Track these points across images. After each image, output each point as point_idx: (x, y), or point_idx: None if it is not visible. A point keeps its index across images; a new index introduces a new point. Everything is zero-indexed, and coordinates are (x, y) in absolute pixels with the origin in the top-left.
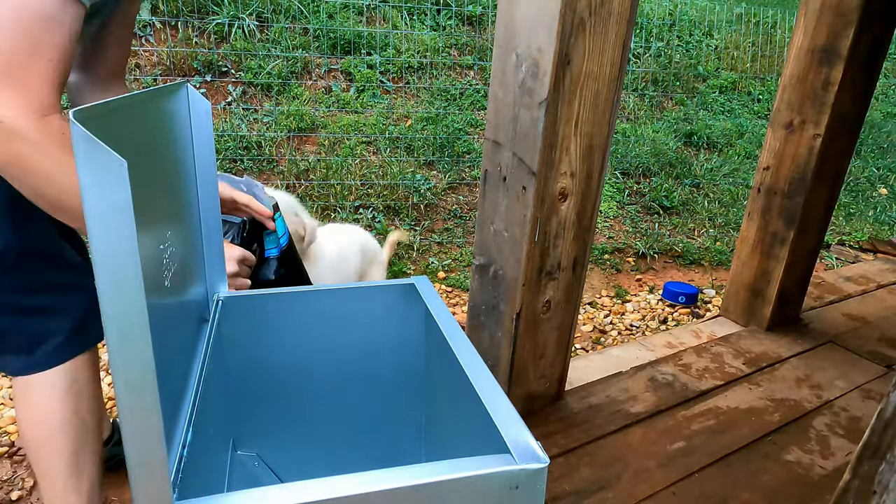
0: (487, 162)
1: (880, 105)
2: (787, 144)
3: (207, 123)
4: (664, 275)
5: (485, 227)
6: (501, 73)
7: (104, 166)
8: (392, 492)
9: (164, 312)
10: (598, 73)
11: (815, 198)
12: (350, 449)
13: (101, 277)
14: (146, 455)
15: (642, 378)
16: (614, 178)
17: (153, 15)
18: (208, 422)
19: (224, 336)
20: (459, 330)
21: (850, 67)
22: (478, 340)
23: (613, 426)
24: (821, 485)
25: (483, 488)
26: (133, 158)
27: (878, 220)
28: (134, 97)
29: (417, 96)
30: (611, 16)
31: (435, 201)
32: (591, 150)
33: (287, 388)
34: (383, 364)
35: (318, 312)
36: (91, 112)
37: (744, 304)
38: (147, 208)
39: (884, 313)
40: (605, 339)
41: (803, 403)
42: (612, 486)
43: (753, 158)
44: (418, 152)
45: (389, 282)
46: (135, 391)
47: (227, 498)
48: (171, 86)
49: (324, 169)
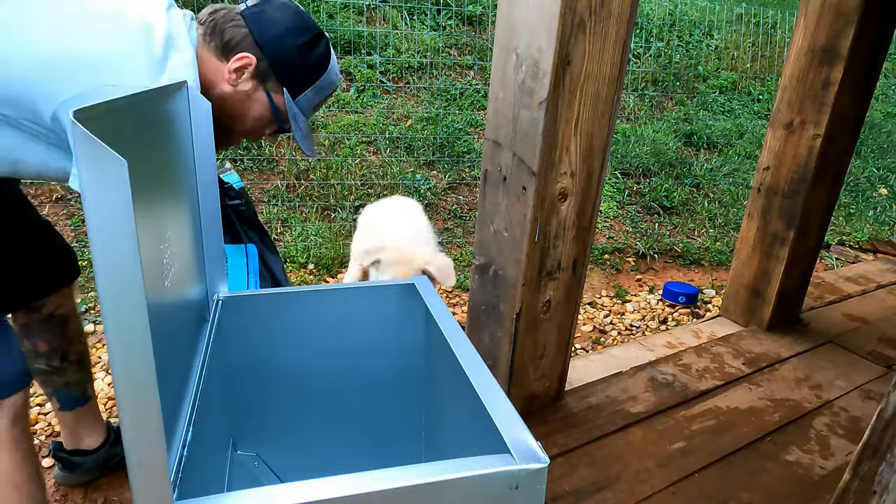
0: (487, 162)
1: (880, 105)
2: (787, 144)
3: (207, 123)
4: (664, 275)
5: (485, 227)
6: (501, 73)
7: (104, 166)
8: (392, 492)
9: (164, 312)
10: (598, 73)
11: (815, 198)
12: (350, 449)
13: (101, 277)
14: (146, 455)
15: (642, 378)
16: (614, 178)
17: None
18: (208, 422)
19: (224, 336)
20: (459, 330)
21: (850, 67)
22: (478, 340)
23: (613, 426)
24: (821, 485)
25: (483, 488)
26: (133, 158)
27: (878, 220)
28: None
29: (417, 96)
30: (611, 16)
31: (435, 201)
32: (591, 150)
33: (287, 387)
34: (383, 364)
35: (319, 312)
36: (91, 112)
37: (744, 304)
38: (147, 208)
39: (884, 313)
40: (605, 339)
41: (803, 403)
42: (612, 486)
43: (753, 158)
44: (418, 152)
45: (389, 282)
46: (135, 391)
47: (227, 498)
48: (171, 86)
49: (324, 169)
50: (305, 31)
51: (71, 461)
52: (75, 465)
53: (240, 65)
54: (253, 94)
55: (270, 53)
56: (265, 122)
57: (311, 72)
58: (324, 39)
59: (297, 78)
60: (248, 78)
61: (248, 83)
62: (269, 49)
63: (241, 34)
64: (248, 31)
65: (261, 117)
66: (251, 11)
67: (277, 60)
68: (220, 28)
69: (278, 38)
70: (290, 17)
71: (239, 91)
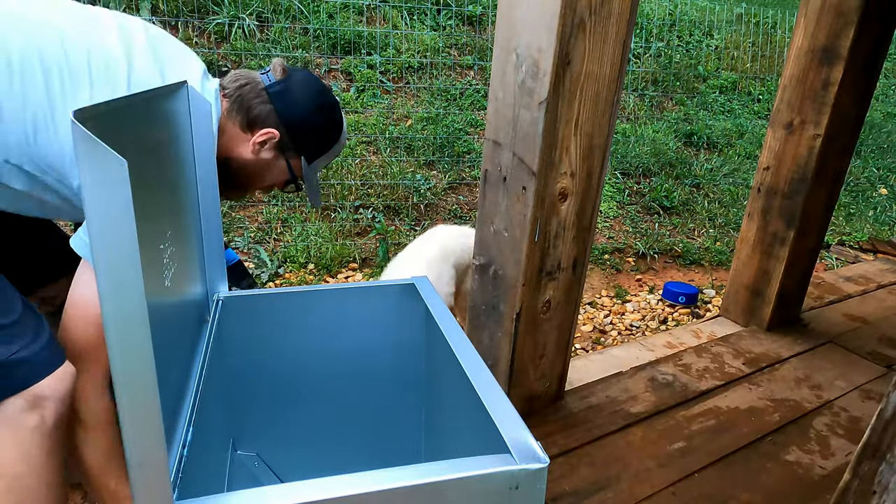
0: (487, 162)
1: (880, 105)
2: (787, 144)
3: (207, 123)
4: (664, 275)
5: (485, 226)
6: (501, 73)
7: (104, 166)
8: (392, 492)
9: (164, 312)
10: (598, 73)
11: (815, 198)
12: (350, 449)
13: (102, 277)
14: (146, 455)
15: (642, 378)
16: (614, 178)
17: (153, 15)
18: (208, 422)
19: (224, 336)
20: (459, 330)
21: (850, 67)
22: (478, 340)
23: (613, 426)
24: (821, 485)
25: (483, 488)
26: (133, 158)
27: (878, 220)
28: (134, 97)
29: (417, 96)
30: (611, 16)
31: (435, 201)
32: (591, 150)
33: (287, 387)
34: (383, 364)
35: (319, 312)
36: (91, 112)
37: (744, 304)
38: (147, 208)
39: (884, 313)
40: (605, 339)
41: (803, 403)
42: (612, 486)
43: (753, 158)
44: (418, 152)
45: (389, 282)
46: (135, 391)
47: (227, 498)
48: (171, 86)
49: (323, 169)
50: (325, 108)
51: None
52: None
53: (264, 139)
54: (273, 163)
55: (293, 130)
56: (281, 183)
57: (328, 141)
58: (338, 109)
59: (315, 148)
60: (270, 148)
61: (270, 153)
62: (292, 126)
63: (266, 111)
64: (273, 108)
65: (278, 179)
66: (275, 90)
67: (299, 135)
68: (246, 105)
69: (302, 117)
70: (313, 96)
71: (260, 159)
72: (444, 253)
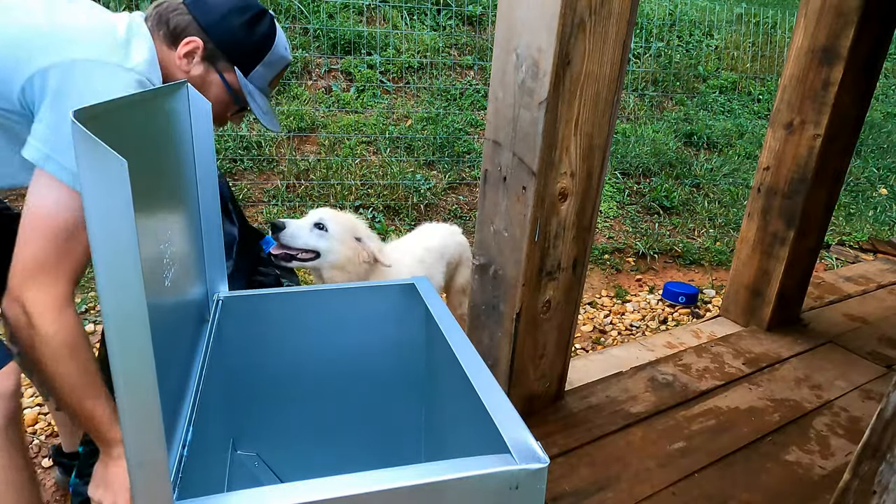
0: (487, 162)
1: (880, 105)
2: (787, 144)
3: (207, 123)
4: (664, 275)
5: (485, 226)
6: (501, 73)
7: (104, 166)
8: (392, 492)
9: (164, 312)
10: (598, 73)
11: (815, 198)
12: (350, 449)
13: (102, 277)
14: (146, 455)
15: (642, 378)
16: (614, 178)
17: None
18: (208, 422)
19: (224, 336)
20: (459, 330)
21: (850, 67)
22: (478, 340)
23: (613, 426)
24: (821, 485)
25: (483, 488)
26: (133, 158)
27: (878, 220)
28: (134, 97)
29: (417, 96)
30: (611, 16)
31: (435, 201)
32: (591, 150)
33: (287, 387)
34: (383, 364)
35: (319, 312)
36: (91, 112)
37: (744, 304)
38: (147, 208)
39: (884, 313)
40: (605, 339)
41: (803, 403)
42: (612, 486)
43: (753, 158)
44: (418, 152)
45: (389, 282)
46: (135, 391)
47: (227, 498)
48: (171, 86)
49: (324, 169)
50: (247, 10)
51: (70, 465)
52: (74, 468)
53: (188, 49)
54: (206, 77)
55: (215, 35)
56: (224, 103)
57: (258, 48)
58: (267, 16)
59: (245, 55)
60: (199, 62)
61: (200, 67)
62: (213, 31)
63: (185, 21)
64: (192, 17)
65: (218, 99)
66: (193, 0)
67: (223, 41)
68: (165, 18)
69: (221, 19)
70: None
71: (192, 76)
72: (441, 246)
